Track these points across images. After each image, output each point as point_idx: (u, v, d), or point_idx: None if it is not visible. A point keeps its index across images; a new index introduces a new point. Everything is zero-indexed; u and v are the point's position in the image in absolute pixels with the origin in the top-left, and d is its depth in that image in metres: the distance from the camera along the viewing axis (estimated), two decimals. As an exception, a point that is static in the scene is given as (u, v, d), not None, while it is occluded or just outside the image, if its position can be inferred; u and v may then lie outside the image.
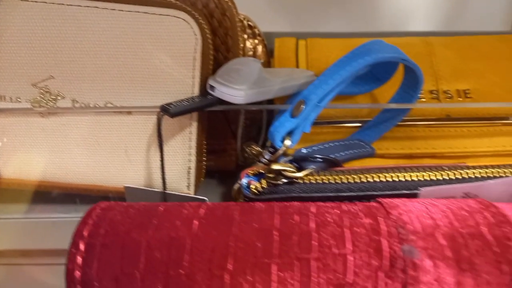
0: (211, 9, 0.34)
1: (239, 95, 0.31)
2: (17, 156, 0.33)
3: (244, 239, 0.22)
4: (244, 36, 0.41)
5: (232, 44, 0.35)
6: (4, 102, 0.33)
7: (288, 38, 0.44)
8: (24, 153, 0.33)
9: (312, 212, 0.23)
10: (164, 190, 0.33)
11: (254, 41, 0.41)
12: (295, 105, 0.29)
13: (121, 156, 0.34)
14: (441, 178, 0.27)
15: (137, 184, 0.34)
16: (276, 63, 0.42)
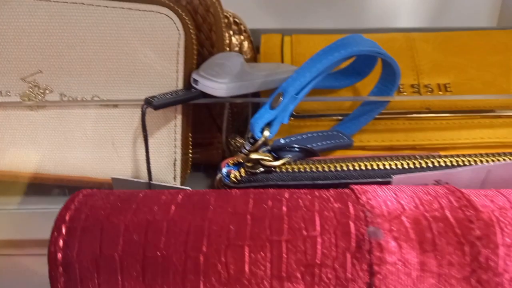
0: (195, 5, 0.35)
1: (220, 88, 0.32)
2: (6, 148, 0.34)
3: (219, 222, 0.23)
4: (230, 32, 0.42)
5: (216, 40, 0.36)
6: (-5, 96, 0.34)
7: (274, 34, 0.45)
8: (14, 145, 0.34)
9: (285, 198, 0.24)
10: (149, 181, 0.34)
11: (240, 37, 0.42)
12: (274, 97, 0.30)
13: (108, 149, 0.35)
14: (413, 167, 0.28)
15: (124, 176, 0.35)
16: (262, 59, 0.43)
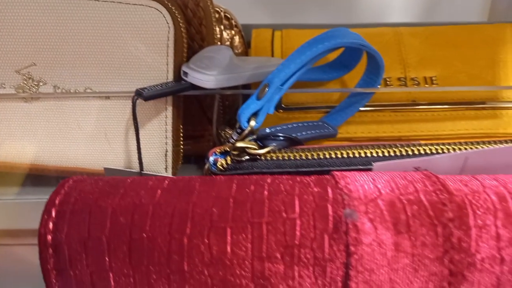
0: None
1: (209, 80, 0.33)
2: (1, 139, 0.35)
3: (203, 205, 0.24)
4: (221, 27, 0.43)
5: (206, 34, 0.37)
6: (-10, 88, 0.35)
7: (264, 29, 0.46)
8: (9, 137, 0.35)
9: (267, 183, 0.25)
10: (141, 171, 0.35)
11: (231, 32, 0.43)
12: (260, 88, 0.31)
13: (101, 140, 0.36)
14: (393, 155, 0.29)
15: (117, 166, 0.36)
16: (253, 53, 0.44)
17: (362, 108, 0.37)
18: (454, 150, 0.29)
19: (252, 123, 0.30)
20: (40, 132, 0.35)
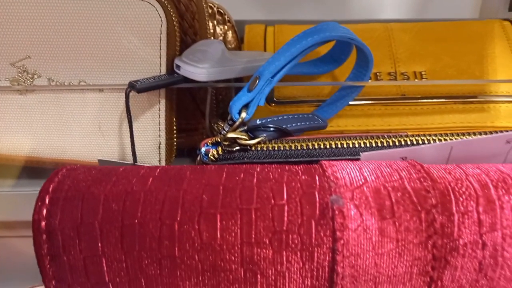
0: (178, -6, 0.36)
1: (201, 73, 0.34)
2: (-3, 131, 0.36)
3: (193, 192, 0.24)
4: (214, 22, 0.43)
5: (199, 28, 0.38)
6: (-15, 81, 0.36)
7: (257, 24, 0.46)
8: (4, 129, 0.36)
9: (257, 171, 0.26)
10: (134, 163, 0.36)
11: (224, 27, 0.44)
12: (251, 80, 0.31)
13: (95, 132, 0.37)
14: (381, 145, 0.29)
15: (111, 159, 0.37)
16: (246, 48, 0.45)
17: (352, 102, 0.38)
18: (440, 140, 0.30)
19: (243, 114, 0.31)
20: (35, 125, 0.36)
